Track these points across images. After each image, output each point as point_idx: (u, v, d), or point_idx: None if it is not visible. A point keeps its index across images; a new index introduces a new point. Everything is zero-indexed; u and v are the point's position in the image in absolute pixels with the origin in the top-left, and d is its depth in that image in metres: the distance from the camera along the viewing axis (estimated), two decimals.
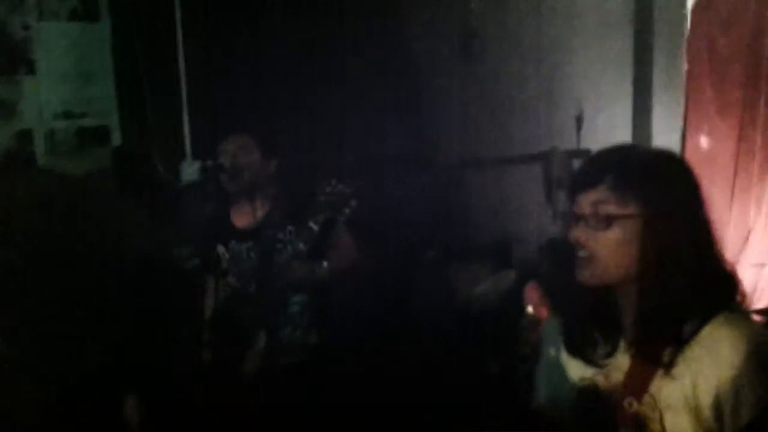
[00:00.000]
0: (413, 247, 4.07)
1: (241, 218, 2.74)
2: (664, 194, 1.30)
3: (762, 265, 3.60)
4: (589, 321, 1.41)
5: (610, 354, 1.38)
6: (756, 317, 3.45)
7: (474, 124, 4.26)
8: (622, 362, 1.36)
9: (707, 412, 1.26)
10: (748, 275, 3.61)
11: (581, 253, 1.32)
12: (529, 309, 2.67)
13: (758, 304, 3.60)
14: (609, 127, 4.20)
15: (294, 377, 2.62)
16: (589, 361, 1.40)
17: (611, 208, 1.29)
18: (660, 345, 1.29)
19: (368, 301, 3.56)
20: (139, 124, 3.29)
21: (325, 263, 2.60)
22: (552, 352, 1.51)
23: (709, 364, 1.25)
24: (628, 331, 1.37)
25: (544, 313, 2.87)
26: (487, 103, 4.28)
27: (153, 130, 3.27)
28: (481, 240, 4.08)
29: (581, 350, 1.41)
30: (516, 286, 1.57)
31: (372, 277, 3.43)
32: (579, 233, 1.32)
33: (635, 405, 1.32)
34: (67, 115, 3.23)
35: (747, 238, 3.64)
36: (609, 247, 1.29)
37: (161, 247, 3.19)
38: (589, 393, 1.39)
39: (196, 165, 3.23)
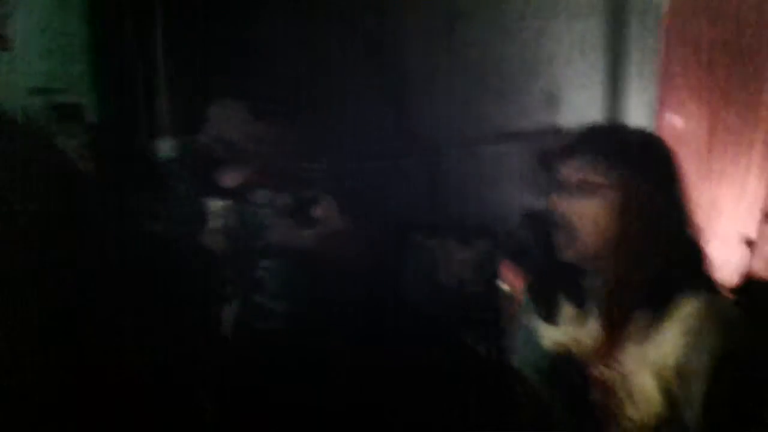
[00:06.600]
0: (399, 229, 4.06)
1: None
2: (644, 169, 1.36)
3: None
4: (562, 291, 1.47)
5: (582, 321, 1.45)
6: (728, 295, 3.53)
7: (457, 104, 4.26)
8: (593, 329, 1.43)
9: (672, 381, 1.30)
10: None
11: (560, 223, 1.36)
12: (504, 286, 2.71)
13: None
14: (582, 107, 4.24)
15: (271, 342, 2.67)
16: (562, 327, 1.46)
17: (595, 177, 1.33)
18: (629, 316, 1.35)
19: (351, 281, 3.56)
20: (117, 100, 3.27)
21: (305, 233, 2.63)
22: (529, 319, 1.57)
23: (676, 334, 1.30)
24: (599, 300, 1.43)
25: (519, 288, 2.91)
26: (469, 82, 4.28)
27: (130, 106, 3.26)
28: (464, 219, 4.10)
29: (554, 318, 1.47)
30: (494, 259, 1.63)
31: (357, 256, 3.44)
32: (560, 200, 1.36)
33: (604, 370, 1.38)
34: (43, 91, 3.20)
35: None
36: (588, 215, 1.33)
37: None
38: (562, 359, 1.45)
39: (173, 141, 3.22)
